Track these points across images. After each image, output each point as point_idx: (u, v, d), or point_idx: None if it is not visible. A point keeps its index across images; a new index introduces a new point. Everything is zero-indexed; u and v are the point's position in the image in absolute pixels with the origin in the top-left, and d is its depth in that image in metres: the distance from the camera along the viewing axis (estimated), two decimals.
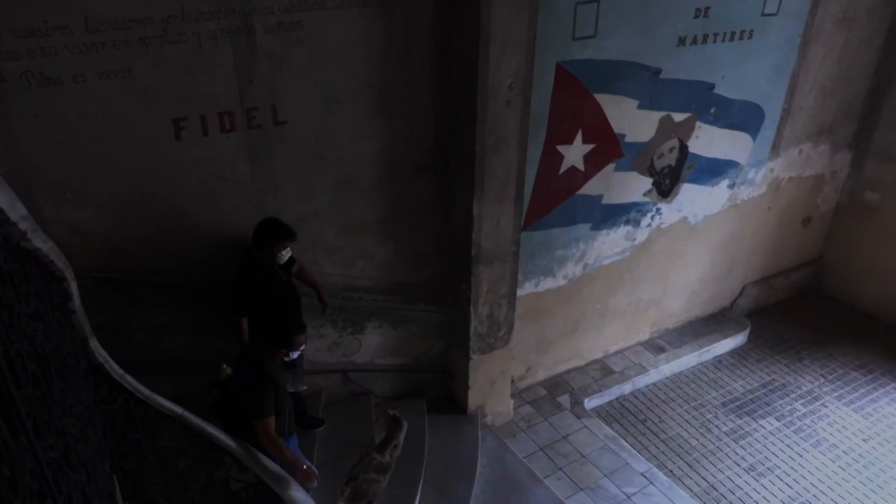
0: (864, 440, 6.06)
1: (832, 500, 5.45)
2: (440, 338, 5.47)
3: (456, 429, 5.42)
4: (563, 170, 5.20)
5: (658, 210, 6.07)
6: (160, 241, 4.17)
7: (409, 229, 4.99)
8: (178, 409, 3.44)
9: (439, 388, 5.67)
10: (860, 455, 5.90)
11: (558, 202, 5.36)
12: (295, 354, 3.61)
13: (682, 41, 5.27)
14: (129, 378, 3.22)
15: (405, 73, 4.39)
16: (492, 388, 5.54)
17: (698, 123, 5.80)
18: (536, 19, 4.19)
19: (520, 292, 5.46)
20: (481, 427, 5.48)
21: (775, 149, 6.60)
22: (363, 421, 5.10)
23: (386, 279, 5.13)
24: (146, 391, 3.32)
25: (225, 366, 3.74)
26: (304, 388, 4.38)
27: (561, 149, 5.09)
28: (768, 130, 6.41)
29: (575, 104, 4.96)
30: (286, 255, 4.09)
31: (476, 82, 4.16)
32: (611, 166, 5.47)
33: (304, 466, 3.58)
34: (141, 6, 3.52)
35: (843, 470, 5.73)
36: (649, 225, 6.09)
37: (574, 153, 5.18)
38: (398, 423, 3.72)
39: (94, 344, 2.93)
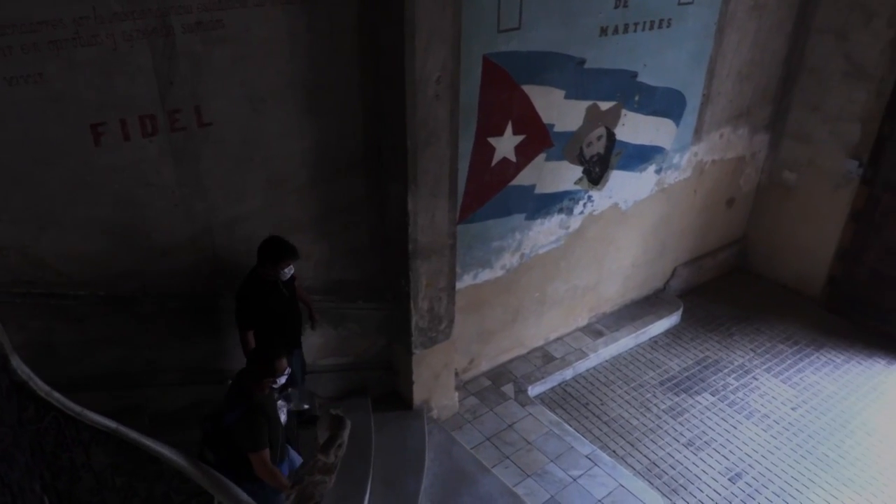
0: (792, 409, 6.36)
1: (766, 468, 5.71)
2: (382, 334, 5.46)
3: (402, 424, 5.42)
4: (495, 161, 5.26)
5: (590, 197, 6.21)
6: (84, 252, 4.02)
7: (343, 227, 4.95)
8: (112, 424, 3.33)
9: (384, 385, 5.66)
10: (790, 423, 6.19)
11: (492, 194, 5.42)
12: (282, 380, 3.63)
13: (604, 31, 5.39)
14: (57, 395, 3.09)
15: (332, 70, 4.35)
16: (436, 381, 5.57)
17: (624, 111, 5.96)
18: (461, 13, 4.22)
19: (459, 285, 5.50)
20: (427, 421, 5.50)
21: (698, 133, 6.85)
22: (309, 426, 5.04)
23: (323, 279, 5.08)
24: (77, 408, 3.19)
25: None
26: (307, 406, 4.47)
27: (492, 141, 5.15)
28: (690, 116, 6.64)
29: (503, 96, 5.02)
30: (289, 272, 4.22)
31: (404, 77, 4.17)
32: (542, 156, 5.56)
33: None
34: (49, 8, 3.37)
35: (775, 438, 6.01)
36: (582, 212, 6.22)
37: (505, 145, 5.24)
38: (341, 422, 3.69)
39: (17, 361, 2.81)
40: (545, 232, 6.02)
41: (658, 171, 6.70)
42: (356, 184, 4.83)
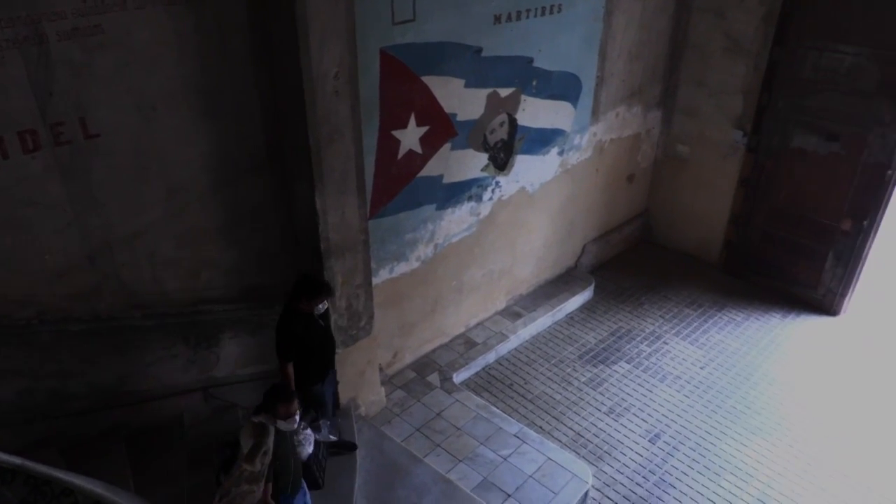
0: (701, 368, 6.74)
1: (682, 426, 6.02)
2: None
3: (331, 425, 5.36)
4: (401, 154, 5.27)
5: (497, 183, 6.31)
6: None
7: (252, 231, 4.84)
8: (17, 460, 3.14)
9: None
10: (700, 382, 6.55)
11: (401, 187, 5.42)
12: (292, 425, 3.73)
13: (497, 19, 5.48)
14: None
15: (225, 71, 4.23)
16: (361, 378, 5.54)
17: (523, 96, 6.08)
18: (353, 7, 4.18)
19: (376, 280, 5.48)
20: (356, 419, 5.47)
21: (595, 114, 7.09)
22: (233, 436, 4.91)
23: (236, 286, 4.95)
24: None
25: None
26: (334, 438, 4.60)
27: (396, 134, 5.14)
28: (587, 98, 6.86)
29: (404, 88, 5.02)
30: (323, 307, 4.42)
31: (301, 75, 4.09)
32: (447, 146, 5.61)
33: None
34: None
35: (688, 397, 6.34)
36: (491, 198, 6.33)
37: (410, 137, 5.25)
38: (264, 428, 3.61)
39: None
40: (457, 220, 6.09)
41: (561, 153, 6.89)
42: (261, 186, 4.72)
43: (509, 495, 5.11)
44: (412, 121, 5.20)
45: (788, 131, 7.19)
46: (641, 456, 5.72)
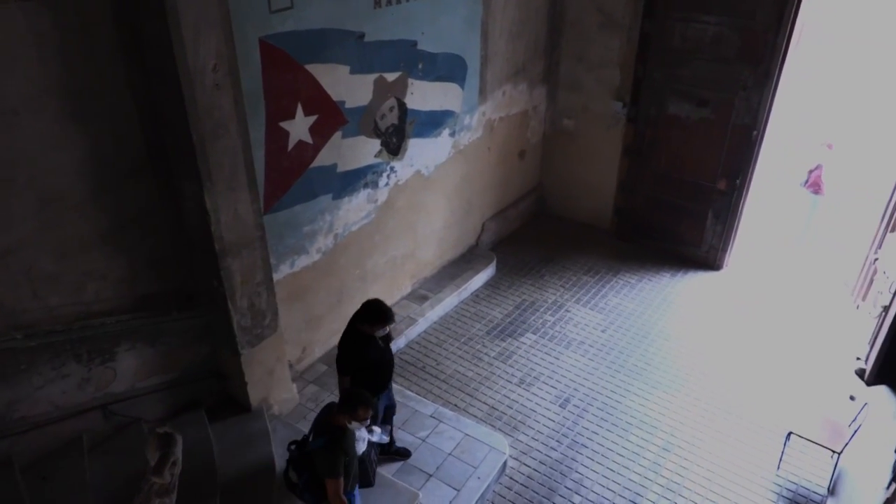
0: (602, 331, 7.05)
1: (589, 388, 6.30)
2: (204, 342, 5.20)
3: (243, 429, 5.24)
4: (291, 146, 5.16)
5: (392, 168, 6.31)
6: None
7: (141, 237, 4.62)
8: None
9: (217, 393, 5.41)
10: (602, 344, 6.86)
11: (294, 179, 5.32)
12: (364, 434, 4.10)
13: (378, 3, 5.44)
14: None
15: (93, 70, 3.99)
16: (271, 377, 5.43)
17: (410, 80, 6.09)
18: None
19: (277, 276, 5.37)
20: (269, 419, 5.36)
21: (482, 94, 7.20)
22: (139, 452, 4.70)
23: (127, 296, 4.72)
24: None
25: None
26: (385, 439, 4.76)
27: (284, 125, 5.03)
28: (473, 78, 6.96)
29: (288, 78, 4.91)
30: (384, 331, 4.58)
31: (176, 70, 3.92)
32: (338, 134, 5.55)
33: None
34: None
35: (592, 361, 6.63)
36: (387, 184, 6.32)
37: (299, 127, 5.15)
38: (170, 438, 3.49)
39: None
40: (355, 209, 6.05)
41: (452, 134, 6.97)
42: (146, 189, 4.51)
43: (430, 475, 5.18)
44: (300, 111, 5.10)
45: (664, 100, 7.60)
46: (553, 421, 5.94)
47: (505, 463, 5.38)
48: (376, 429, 4.53)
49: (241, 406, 5.37)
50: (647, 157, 8.02)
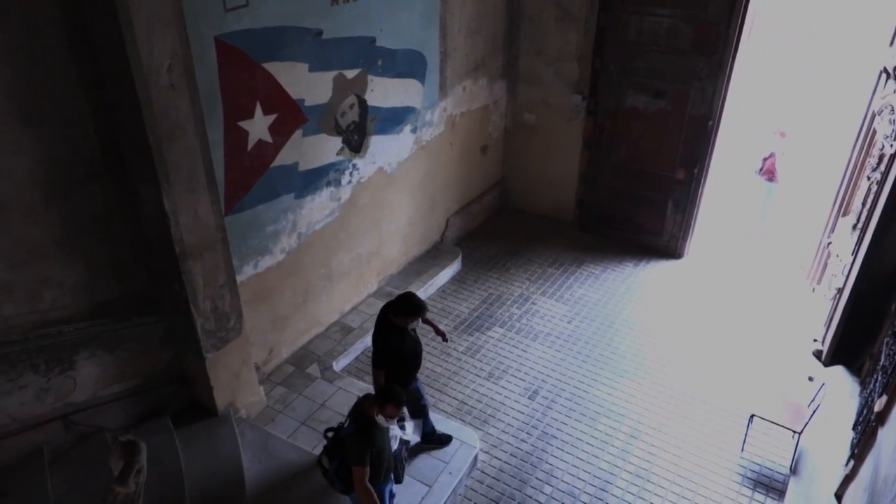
0: (568, 322, 7.13)
1: (557, 379, 6.36)
2: (168, 347, 5.11)
3: (210, 434, 5.16)
4: (251, 145, 5.09)
5: (354, 166, 6.28)
6: None
7: (98, 242, 4.51)
8: None
9: (182, 399, 5.32)
10: (568, 335, 6.94)
11: (255, 179, 5.25)
12: (397, 431, 4.22)
13: (335, 0, 5.40)
14: None
15: (42, 72, 3.88)
16: (237, 381, 5.36)
17: (370, 77, 6.06)
18: None
19: (240, 278, 5.30)
20: (237, 423, 5.30)
21: (443, 89, 7.20)
22: (103, 463, 4.60)
23: (86, 303, 4.61)
24: None
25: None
26: (417, 439, 5.02)
27: (243, 125, 4.96)
28: (433, 74, 6.95)
29: (245, 77, 4.84)
30: (416, 324, 4.72)
31: (130, 70, 3.83)
32: (298, 133, 5.49)
33: None
34: None
35: (559, 352, 6.70)
36: (350, 182, 6.28)
37: (258, 126, 5.09)
38: (134, 446, 3.42)
39: None
40: (318, 207, 5.99)
41: (414, 131, 6.95)
42: (102, 193, 4.41)
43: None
44: (258, 110, 5.03)
45: (622, 92, 7.69)
46: (523, 413, 5.99)
47: (476, 457, 5.40)
48: (408, 425, 4.67)
49: (208, 411, 5.30)
50: (607, 148, 8.11)
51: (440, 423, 5.61)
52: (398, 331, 4.64)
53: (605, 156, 8.17)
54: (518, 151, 8.83)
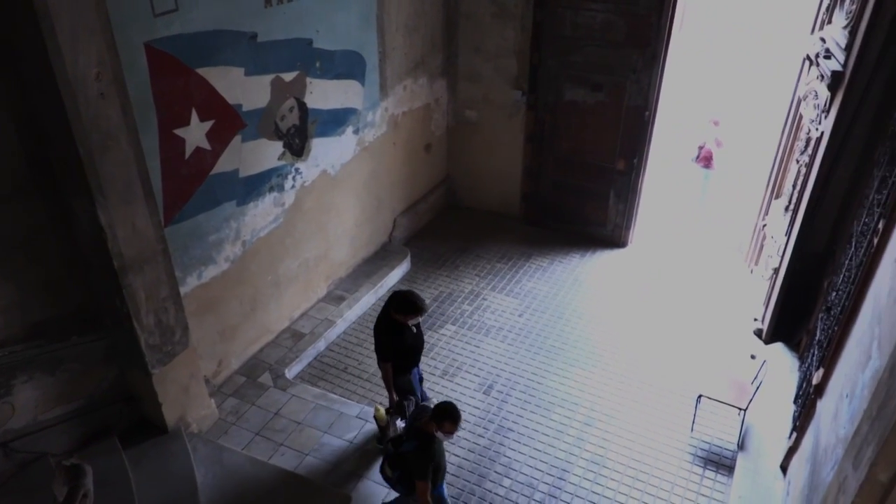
0: (519, 316, 7.20)
1: (510, 372, 6.42)
2: (111, 365, 4.95)
3: (161, 451, 5.03)
4: (188, 153, 4.96)
5: (297, 170, 6.19)
6: None
7: (30, 260, 4.34)
8: None
9: (129, 417, 5.16)
10: (520, 329, 7.01)
11: (195, 187, 5.13)
12: (448, 439, 4.31)
13: (269, 2, 5.31)
14: None
15: None
16: (186, 395, 5.23)
17: (308, 79, 5.99)
18: (104, 1, 3.83)
19: (184, 289, 5.18)
20: (188, 438, 5.17)
21: (383, 89, 7.17)
22: (47, 489, 4.42)
23: (20, 325, 4.42)
24: None
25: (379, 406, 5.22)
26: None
27: (179, 132, 4.83)
28: (373, 74, 6.91)
29: (179, 83, 4.72)
30: (417, 321, 4.93)
31: (55, 80, 3.69)
32: (237, 138, 5.38)
33: None
34: None
35: (511, 346, 6.76)
36: (293, 186, 6.20)
37: (195, 133, 4.96)
38: (78, 469, 3.29)
39: None
40: (262, 214, 5.89)
41: (356, 132, 6.90)
42: (31, 208, 4.23)
43: (361, 476, 5.15)
44: (194, 116, 4.92)
45: (560, 86, 7.81)
46: (479, 409, 6.02)
47: None
48: (400, 424, 5.10)
49: (157, 428, 5.16)
50: (548, 142, 8.22)
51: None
52: (398, 327, 4.83)
53: (547, 150, 8.28)
54: (462, 149, 8.87)
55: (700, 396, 5.70)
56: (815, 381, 4.79)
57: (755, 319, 6.95)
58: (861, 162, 5.70)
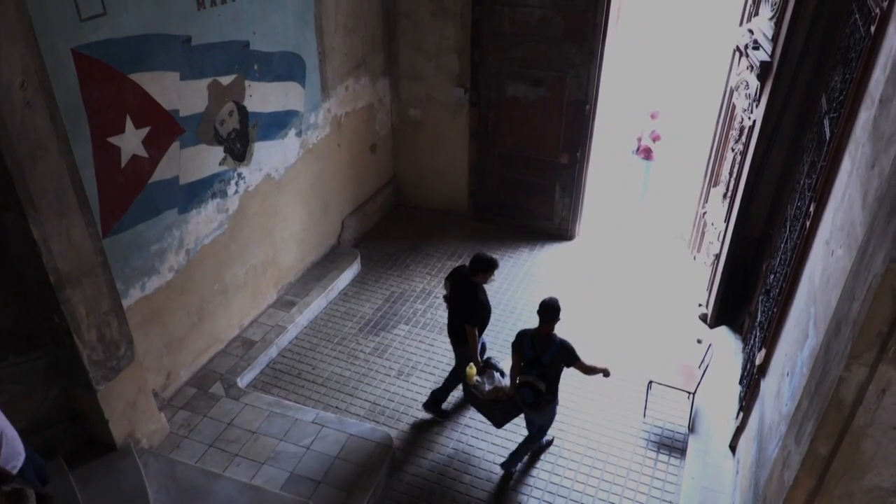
0: None
1: None
2: (52, 383, 4.76)
3: (110, 470, 4.87)
4: (124, 162, 4.82)
5: (240, 175, 6.08)
6: None
7: None
8: None
9: (75, 437, 4.98)
10: None
11: (133, 196, 4.98)
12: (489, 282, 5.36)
13: (201, 4, 5.19)
14: None
15: None
16: (134, 410, 5.08)
17: (247, 82, 5.88)
18: (25, 5, 3.68)
19: (127, 301, 5.03)
20: (139, 455, 5.02)
21: (325, 90, 7.10)
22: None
23: None
24: None
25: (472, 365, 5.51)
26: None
27: (114, 140, 4.68)
28: (313, 75, 6.84)
29: (111, 90, 4.57)
30: (493, 279, 5.36)
31: None
32: (175, 145, 5.25)
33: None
34: None
35: None
36: (237, 192, 6.08)
37: (130, 141, 4.82)
38: (20, 495, 3.15)
39: None
40: (205, 221, 5.77)
41: (299, 134, 6.82)
42: None
43: (319, 482, 5.09)
44: (129, 124, 4.77)
45: (501, 82, 7.87)
46: None
47: (393, 456, 5.39)
48: (497, 375, 5.47)
49: (105, 445, 4.99)
50: (493, 138, 8.28)
51: (353, 427, 5.57)
52: (481, 288, 5.32)
53: (491, 146, 8.34)
54: (407, 148, 8.86)
55: (651, 382, 5.84)
56: (757, 361, 4.96)
57: (700, 305, 7.15)
58: (792, 148, 5.93)
